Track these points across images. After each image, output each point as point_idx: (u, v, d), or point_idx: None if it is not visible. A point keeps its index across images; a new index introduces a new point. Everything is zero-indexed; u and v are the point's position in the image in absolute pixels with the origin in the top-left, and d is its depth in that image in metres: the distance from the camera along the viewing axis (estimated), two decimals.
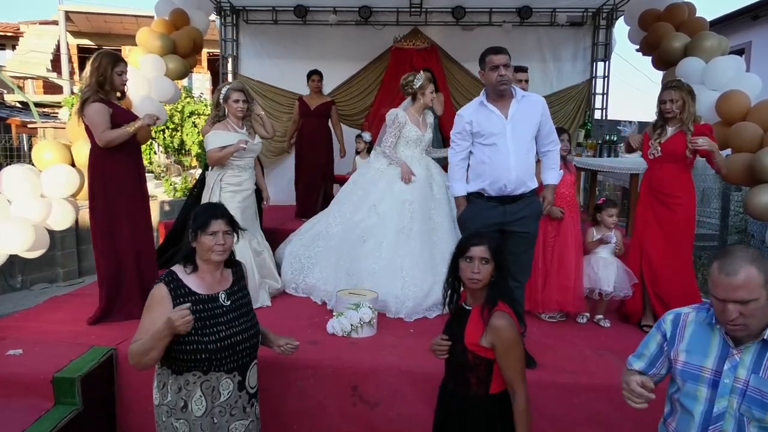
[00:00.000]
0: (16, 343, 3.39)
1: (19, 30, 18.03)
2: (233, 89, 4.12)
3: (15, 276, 7.41)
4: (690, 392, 1.74)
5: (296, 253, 4.51)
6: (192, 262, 2.27)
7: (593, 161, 5.97)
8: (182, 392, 2.20)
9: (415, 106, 4.45)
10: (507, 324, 2.09)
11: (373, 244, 4.24)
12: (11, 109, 15.22)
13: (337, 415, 3.13)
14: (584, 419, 2.99)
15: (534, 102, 3.18)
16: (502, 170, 3.06)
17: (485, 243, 2.17)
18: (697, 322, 1.78)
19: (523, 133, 3.10)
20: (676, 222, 3.75)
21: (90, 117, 3.58)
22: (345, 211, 4.52)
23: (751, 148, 3.98)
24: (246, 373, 2.32)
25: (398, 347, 3.46)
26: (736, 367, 1.65)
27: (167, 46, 5.37)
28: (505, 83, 3.04)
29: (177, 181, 12.41)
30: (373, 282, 4.09)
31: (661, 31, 5.21)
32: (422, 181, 4.41)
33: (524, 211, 3.12)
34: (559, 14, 7.36)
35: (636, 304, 3.95)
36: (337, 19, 7.46)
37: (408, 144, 4.45)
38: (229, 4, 7.60)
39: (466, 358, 2.14)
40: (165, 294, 2.19)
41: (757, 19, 11.41)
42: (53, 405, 2.96)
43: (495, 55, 3.05)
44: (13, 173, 4.17)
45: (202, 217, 2.25)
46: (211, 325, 2.20)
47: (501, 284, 2.18)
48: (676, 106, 3.64)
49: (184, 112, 12.56)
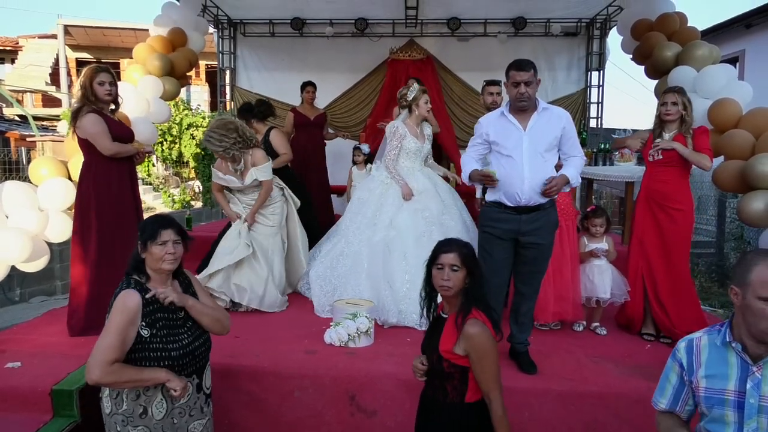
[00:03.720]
0: (15, 355, 3.40)
1: (18, 44, 18.14)
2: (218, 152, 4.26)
3: (14, 289, 7.41)
4: (717, 418, 1.69)
5: (323, 275, 4.46)
6: (144, 272, 2.29)
7: (589, 170, 6.00)
8: (141, 398, 2.21)
9: (412, 118, 4.49)
10: (480, 331, 2.07)
11: (398, 256, 4.22)
12: (10, 122, 15.26)
13: (335, 425, 3.13)
14: (580, 427, 2.99)
15: (556, 115, 3.18)
16: (516, 180, 3.09)
17: (455, 250, 2.16)
18: (711, 345, 1.73)
19: (540, 146, 3.09)
20: (674, 230, 3.76)
21: (87, 129, 3.58)
22: (363, 228, 4.47)
23: (743, 156, 4.02)
24: (203, 375, 2.39)
25: (395, 356, 3.46)
26: (759, 384, 1.61)
27: (165, 66, 5.42)
28: (524, 101, 3.07)
29: (175, 192, 12.46)
30: (410, 290, 4.02)
31: (653, 40, 5.27)
32: (429, 189, 4.45)
33: (540, 221, 3.15)
34: (553, 25, 7.44)
35: (635, 312, 3.94)
36: (334, 32, 7.54)
37: (408, 156, 4.49)
38: (227, 17, 7.68)
39: (442, 366, 2.15)
40: (138, 302, 2.18)
41: (751, 27, 11.51)
42: (51, 417, 2.95)
43: (517, 71, 3.05)
44: (11, 188, 4.19)
45: (152, 227, 2.26)
46: (175, 333, 2.26)
47: (475, 291, 2.16)
48: (676, 109, 3.67)
49: (182, 124, 12.64)
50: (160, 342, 2.19)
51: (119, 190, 3.78)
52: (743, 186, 3.96)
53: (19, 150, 12.07)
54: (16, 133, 13.52)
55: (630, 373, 3.23)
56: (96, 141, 3.61)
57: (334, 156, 7.08)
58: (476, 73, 7.54)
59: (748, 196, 3.88)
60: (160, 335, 2.19)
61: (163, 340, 2.20)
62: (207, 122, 12.78)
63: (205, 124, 12.75)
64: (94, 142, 3.61)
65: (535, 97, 3.11)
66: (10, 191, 4.17)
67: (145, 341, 2.18)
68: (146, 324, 2.18)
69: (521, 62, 3.06)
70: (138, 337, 2.17)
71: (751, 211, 3.84)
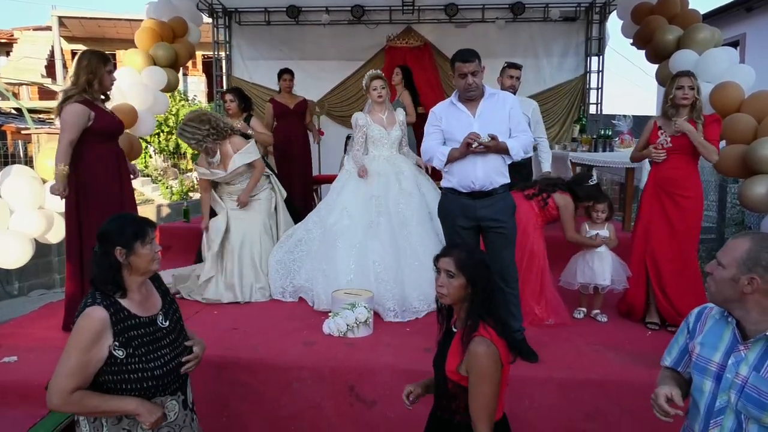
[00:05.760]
0: (11, 350, 3.39)
1: (13, 36, 17.99)
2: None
3: (12, 283, 7.40)
4: (698, 385, 1.74)
5: (281, 259, 4.52)
6: (119, 285, 1.98)
7: (588, 156, 5.97)
8: (123, 423, 1.95)
9: (373, 105, 4.58)
10: (484, 352, 1.84)
11: (348, 245, 4.26)
12: (6, 115, 15.17)
13: (335, 416, 3.12)
14: (581, 415, 2.98)
15: (502, 99, 3.26)
16: (469, 167, 3.14)
17: (453, 254, 1.97)
18: (715, 317, 1.78)
19: (490, 130, 3.10)
20: (683, 219, 3.69)
21: (64, 115, 3.43)
22: (322, 215, 4.61)
23: (745, 140, 3.97)
24: (186, 389, 2.16)
25: (394, 346, 3.45)
26: (740, 363, 1.63)
27: (170, 56, 5.35)
28: (472, 91, 3.13)
29: (174, 184, 12.41)
30: (353, 280, 4.09)
31: (654, 24, 5.21)
32: (388, 176, 4.45)
33: (497, 205, 3.19)
34: (552, 9, 7.36)
35: (636, 300, 3.91)
36: (330, 19, 7.46)
37: (375, 143, 4.56)
38: (221, 6, 7.59)
39: (447, 386, 1.98)
40: (105, 319, 1.89)
41: (752, 11, 11.41)
42: (48, 412, 2.92)
43: (463, 63, 3.09)
44: (17, 182, 4.13)
45: (137, 226, 2.02)
46: (155, 350, 2.01)
47: (480, 304, 1.92)
48: (692, 93, 3.57)
49: (179, 115, 12.55)
50: (139, 362, 1.94)
51: (105, 181, 3.62)
52: (745, 170, 3.92)
53: (16, 143, 12.01)
54: (13, 126, 13.44)
55: (631, 361, 3.21)
56: (63, 130, 3.43)
57: (328, 147, 7.05)
58: None
59: (750, 181, 3.85)
60: (137, 354, 1.94)
61: (142, 360, 1.94)
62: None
63: None
64: (61, 129, 3.44)
65: (482, 84, 3.18)
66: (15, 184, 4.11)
67: (121, 363, 1.91)
68: (120, 344, 1.91)
69: (465, 53, 3.11)
70: (112, 359, 1.90)
71: (752, 195, 3.81)
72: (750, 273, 1.60)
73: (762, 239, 1.63)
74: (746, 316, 1.65)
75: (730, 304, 1.68)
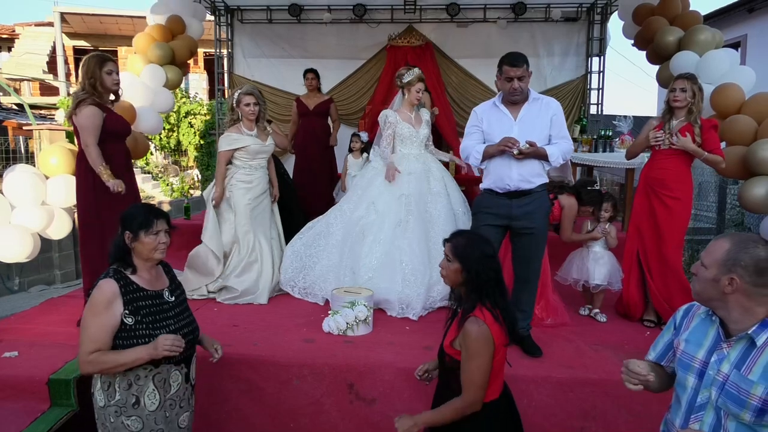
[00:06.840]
0: (12, 345, 3.40)
1: (15, 32, 18.00)
2: (244, 93, 4.40)
3: (12, 278, 7.42)
4: (681, 381, 1.78)
5: (298, 251, 4.50)
6: (129, 263, 2.27)
7: (589, 156, 5.97)
8: (133, 388, 2.21)
9: (405, 103, 4.50)
10: (475, 331, 1.96)
11: (372, 240, 4.26)
12: (8, 111, 15.19)
13: (334, 413, 3.13)
14: (579, 413, 2.99)
15: (546, 104, 3.24)
16: (504, 169, 3.16)
17: (451, 240, 2.15)
18: (701, 315, 1.81)
19: (530, 135, 3.11)
20: (668, 218, 3.74)
21: (81, 120, 3.51)
22: (345, 210, 4.55)
23: (745, 141, 3.99)
24: (190, 365, 2.40)
25: (394, 344, 3.46)
26: (722, 361, 1.67)
27: (167, 55, 5.37)
28: (516, 95, 3.14)
29: (174, 181, 12.41)
30: (374, 277, 4.08)
31: (655, 25, 5.21)
32: (419, 175, 4.42)
33: (531, 205, 3.20)
34: (553, 10, 7.36)
35: (631, 299, 3.94)
36: (332, 18, 7.46)
37: (404, 142, 4.48)
38: (224, 4, 7.60)
39: (444, 360, 2.12)
40: (116, 290, 2.18)
41: (753, 12, 11.40)
42: (49, 407, 2.96)
43: (510, 67, 3.09)
44: (18, 178, 4.14)
45: (145, 216, 2.25)
46: (161, 320, 2.26)
47: (476, 288, 2.03)
48: (684, 96, 3.60)
49: (180, 112, 12.55)
50: (146, 329, 2.20)
51: (118, 178, 3.66)
52: (745, 172, 3.93)
53: (17, 139, 12.02)
54: (14, 122, 13.46)
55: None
56: (83, 134, 3.52)
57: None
58: (475, 59, 7.50)
59: (750, 182, 3.86)
60: (145, 322, 2.20)
61: (149, 327, 2.21)
62: (205, 110, 12.70)
63: (204, 112, 12.67)
64: (81, 133, 3.53)
65: (527, 89, 3.18)
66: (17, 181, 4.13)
67: (131, 329, 2.18)
68: (129, 312, 2.18)
69: (514, 58, 3.10)
70: (123, 325, 2.17)
71: (752, 197, 3.82)
72: (730, 273, 1.63)
73: (741, 240, 1.66)
74: (728, 316, 1.68)
75: (713, 304, 1.71)
